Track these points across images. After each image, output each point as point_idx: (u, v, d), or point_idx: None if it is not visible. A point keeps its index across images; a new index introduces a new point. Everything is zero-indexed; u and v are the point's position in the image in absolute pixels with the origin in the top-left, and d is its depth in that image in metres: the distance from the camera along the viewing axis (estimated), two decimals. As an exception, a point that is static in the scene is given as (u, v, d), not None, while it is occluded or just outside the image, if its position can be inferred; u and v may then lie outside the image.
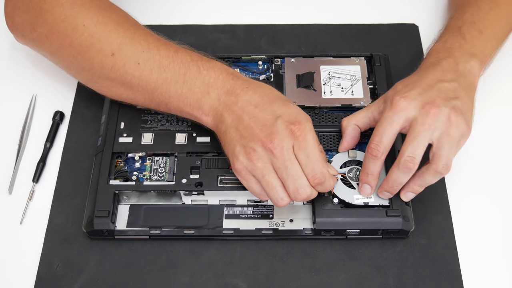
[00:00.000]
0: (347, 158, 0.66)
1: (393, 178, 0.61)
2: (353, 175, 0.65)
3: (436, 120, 0.59)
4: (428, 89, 0.61)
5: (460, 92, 0.61)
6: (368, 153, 0.61)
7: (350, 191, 0.64)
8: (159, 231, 0.64)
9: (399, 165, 0.60)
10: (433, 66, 0.64)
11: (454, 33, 0.67)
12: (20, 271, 0.63)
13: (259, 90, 0.62)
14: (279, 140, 0.58)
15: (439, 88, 0.61)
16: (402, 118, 0.60)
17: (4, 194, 0.68)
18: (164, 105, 0.65)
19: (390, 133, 0.60)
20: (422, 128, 0.59)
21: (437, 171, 0.60)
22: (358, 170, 0.65)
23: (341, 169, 0.65)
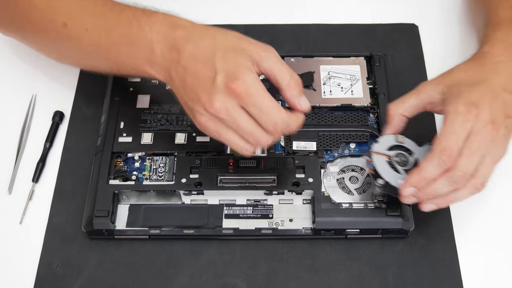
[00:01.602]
0: (394, 142, 0.63)
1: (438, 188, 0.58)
2: (399, 159, 0.62)
3: (491, 138, 0.57)
4: (494, 99, 0.58)
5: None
6: (439, 159, 0.57)
7: (395, 174, 0.61)
8: (159, 231, 0.64)
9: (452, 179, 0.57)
10: (501, 65, 0.61)
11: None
12: (20, 271, 0.63)
13: (200, 42, 0.58)
14: (220, 102, 0.55)
15: (504, 101, 0.58)
16: (470, 125, 0.57)
17: (4, 194, 0.68)
18: (123, 68, 0.63)
19: (463, 136, 0.57)
20: (478, 144, 0.57)
21: (475, 187, 0.58)
22: (404, 155, 0.62)
23: (388, 151, 0.63)
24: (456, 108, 0.57)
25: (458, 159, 0.57)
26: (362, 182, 0.66)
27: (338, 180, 0.66)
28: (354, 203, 0.64)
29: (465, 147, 0.57)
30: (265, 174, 0.65)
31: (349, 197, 0.65)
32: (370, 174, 0.64)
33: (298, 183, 0.64)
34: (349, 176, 0.66)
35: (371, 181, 0.66)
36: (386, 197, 0.64)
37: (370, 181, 0.66)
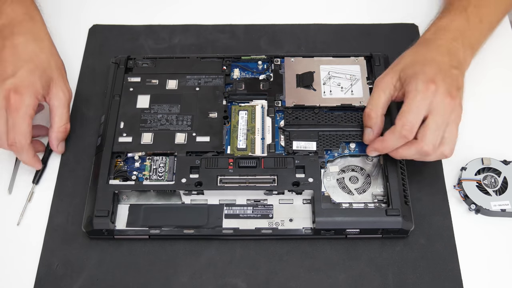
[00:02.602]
0: (481, 165, 0.67)
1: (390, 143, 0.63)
2: (488, 182, 0.66)
3: (451, 109, 0.62)
4: (445, 75, 0.63)
5: (461, 81, 0.65)
6: (400, 133, 0.61)
7: (486, 197, 0.65)
8: (159, 231, 0.64)
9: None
10: (443, 48, 0.66)
11: (460, 14, 0.70)
12: (20, 271, 0.63)
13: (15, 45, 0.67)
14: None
15: (452, 75, 0.64)
16: (430, 101, 0.61)
17: (4, 194, 0.68)
18: None
19: (422, 114, 0.61)
20: (441, 117, 0.61)
21: (443, 154, 0.62)
22: (493, 177, 0.66)
23: (476, 176, 0.67)
24: (416, 86, 0.62)
25: (425, 134, 0.61)
26: (362, 182, 0.66)
27: (338, 180, 0.66)
28: (354, 203, 0.64)
29: (430, 121, 0.61)
30: (265, 174, 0.65)
31: (349, 197, 0.65)
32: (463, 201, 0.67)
33: (298, 183, 0.64)
34: (349, 176, 0.66)
35: (371, 181, 0.66)
36: (386, 197, 0.64)
37: (370, 181, 0.66)
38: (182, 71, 0.74)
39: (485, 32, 0.73)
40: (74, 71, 0.77)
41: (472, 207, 0.65)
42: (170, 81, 0.73)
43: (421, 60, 0.65)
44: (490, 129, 0.72)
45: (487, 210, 0.65)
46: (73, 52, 0.79)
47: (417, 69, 0.63)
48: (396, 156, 0.64)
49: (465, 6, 0.70)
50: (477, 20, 0.70)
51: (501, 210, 0.64)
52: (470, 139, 0.71)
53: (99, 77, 0.76)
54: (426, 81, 0.62)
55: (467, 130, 0.72)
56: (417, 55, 0.66)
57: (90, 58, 0.79)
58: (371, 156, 0.66)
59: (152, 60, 0.75)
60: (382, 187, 0.66)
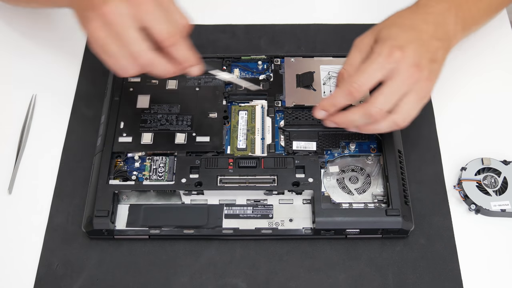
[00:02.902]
0: (481, 166, 0.67)
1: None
2: (488, 182, 0.66)
3: (414, 79, 0.60)
4: (421, 45, 0.61)
5: (441, 55, 0.63)
6: (347, 89, 0.60)
7: (486, 198, 0.65)
8: (159, 231, 0.64)
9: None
10: (431, 16, 0.64)
11: None
12: (19, 271, 0.63)
13: None
14: (113, 4, 0.55)
15: (429, 46, 0.61)
16: (391, 67, 0.60)
17: (4, 194, 0.68)
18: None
19: (376, 78, 0.60)
20: (399, 84, 0.59)
21: (395, 122, 0.61)
22: (493, 177, 0.66)
23: (476, 176, 0.66)
24: (382, 49, 0.60)
25: (376, 96, 0.60)
26: (362, 182, 0.66)
27: (338, 180, 0.66)
28: (354, 203, 0.64)
29: (385, 85, 0.59)
30: (265, 174, 0.65)
31: (349, 197, 0.65)
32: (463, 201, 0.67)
33: (298, 183, 0.64)
34: (349, 176, 0.66)
35: (371, 181, 0.66)
36: (386, 197, 0.64)
37: (370, 181, 0.66)
38: (182, 71, 0.74)
39: (482, 13, 0.70)
40: (74, 71, 0.77)
41: (472, 207, 0.65)
42: (170, 81, 0.73)
43: (401, 24, 0.63)
44: (490, 129, 0.72)
45: (487, 210, 0.65)
46: (73, 52, 0.79)
47: (393, 32, 0.61)
48: (345, 122, 0.62)
49: None
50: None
51: (501, 210, 0.64)
52: (470, 139, 0.71)
53: (99, 77, 0.76)
54: (393, 47, 0.60)
55: (467, 130, 0.72)
56: (401, 19, 0.64)
57: (90, 58, 0.79)
58: (317, 117, 0.64)
59: (152, 60, 0.75)
60: (382, 187, 0.66)
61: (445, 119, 0.73)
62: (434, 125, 0.73)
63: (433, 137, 0.72)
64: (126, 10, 0.56)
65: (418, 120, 0.72)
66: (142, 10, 0.56)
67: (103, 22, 0.56)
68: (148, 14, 0.56)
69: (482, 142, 0.71)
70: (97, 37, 0.56)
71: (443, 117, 0.73)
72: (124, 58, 0.57)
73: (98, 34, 0.56)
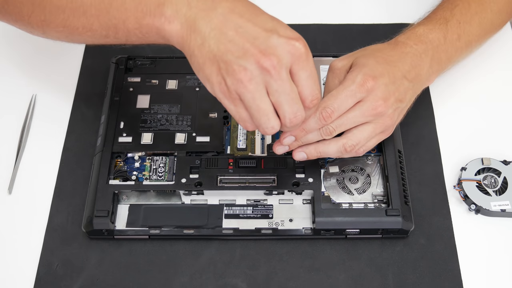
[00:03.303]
0: (481, 166, 0.67)
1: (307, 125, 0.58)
2: (488, 182, 0.66)
3: (377, 113, 0.59)
4: (392, 81, 0.60)
5: (409, 96, 0.62)
6: (320, 114, 0.57)
7: (486, 198, 0.65)
8: (159, 231, 0.64)
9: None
10: (408, 56, 0.63)
11: (440, 26, 0.67)
12: (19, 271, 0.63)
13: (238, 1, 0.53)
14: (277, 57, 0.50)
15: (400, 85, 0.61)
16: (361, 96, 0.58)
17: (4, 194, 0.68)
18: (122, 26, 0.56)
19: (348, 105, 0.58)
20: (361, 113, 0.59)
21: (343, 146, 0.60)
22: (493, 177, 0.66)
23: (476, 176, 0.66)
24: (355, 76, 0.59)
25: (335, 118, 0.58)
26: (362, 182, 0.66)
27: (338, 180, 0.66)
28: (354, 203, 0.64)
29: (349, 110, 0.58)
30: (265, 174, 0.65)
31: (349, 197, 0.65)
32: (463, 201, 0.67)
33: (298, 183, 0.64)
34: (349, 176, 0.66)
35: (371, 181, 0.66)
36: (386, 197, 0.64)
37: (370, 181, 0.66)
38: (182, 71, 0.74)
39: (460, 51, 0.69)
40: (74, 71, 0.77)
41: (472, 207, 0.65)
42: (170, 81, 0.73)
43: (378, 57, 0.61)
44: (490, 129, 0.72)
45: (487, 210, 0.65)
46: (73, 52, 0.79)
47: (369, 62, 0.60)
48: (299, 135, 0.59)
49: (447, 19, 0.67)
50: (456, 36, 0.67)
51: (501, 210, 0.64)
52: (470, 139, 0.71)
53: (99, 77, 0.76)
54: (367, 76, 0.58)
55: (467, 130, 0.72)
56: (379, 52, 0.63)
57: (90, 58, 0.79)
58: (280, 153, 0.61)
59: (152, 60, 0.75)
60: (382, 187, 0.66)
61: (445, 119, 0.73)
62: (434, 125, 0.73)
63: (433, 137, 0.72)
64: (290, 62, 0.51)
65: (418, 120, 0.72)
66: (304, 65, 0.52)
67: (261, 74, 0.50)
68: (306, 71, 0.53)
69: (482, 142, 0.71)
70: (248, 90, 0.51)
71: (443, 117, 0.73)
72: (273, 116, 0.53)
73: (249, 87, 0.51)
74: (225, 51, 0.50)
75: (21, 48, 0.80)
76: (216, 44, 0.51)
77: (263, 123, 0.53)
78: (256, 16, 0.52)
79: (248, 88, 0.51)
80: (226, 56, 0.50)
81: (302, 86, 0.53)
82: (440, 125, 0.73)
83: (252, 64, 0.50)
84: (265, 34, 0.51)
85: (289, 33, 0.52)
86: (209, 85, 0.53)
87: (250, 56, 0.50)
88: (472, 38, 0.70)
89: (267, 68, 0.50)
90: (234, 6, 0.52)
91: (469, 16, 0.69)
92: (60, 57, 0.79)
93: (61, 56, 0.79)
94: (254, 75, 0.50)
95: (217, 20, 0.51)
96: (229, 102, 0.52)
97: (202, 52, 0.52)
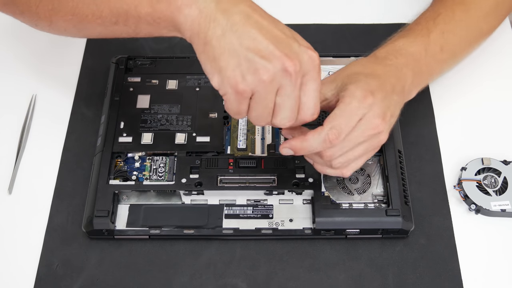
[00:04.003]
0: (481, 166, 0.67)
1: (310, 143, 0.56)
2: (488, 182, 0.66)
3: (375, 132, 0.57)
4: (385, 96, 0.57)
5: (397, 111, 0.60)
6: (326, 135, 0.55)
7: (486, 198, 0.65)
8: (159, 231, 0.64)
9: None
10: (392, 69, 0.61)
11: (422, 38, 0.64)
12: (19, 271, 0.63)
13: (257, 5, 0.53)
14: (300, 62, 0.51)
15: (391, 99, 0.58)
16: (363, 113, 0.56)
17: (4, 194, 0.68)
18: (134, 12, 0.55)
19: (353, 123, 0.56)
20: (359, 134, 0.56)
21: (331, 166, 0.58)
22: (493, 177, 0.66)
23: (477, 176, 0.66)
24: (354, 92, 0.56)
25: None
26: (362, 182, 0.66)
27: (338, 180, 0.66)
28: (354, 203, 0.64)
29: (351, 130, 0.56)
30: (265, 174, 0.65)
31: (349, 197, 0.65)
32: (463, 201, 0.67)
33: (298, 183, 0.64)
34: (349, 176, 0.66)
35: (371, 181, 0.66)
36: (386, 197, 0.65)
37: (370, 181, 0.66)
38: (182, 71, 0.74)
39: (443, 62, 0.67)
40: (74, 71, 0.77)
41: (472, 207, 0.65)
42: (170, 81, 0.73)
43: (366, 73, 0.59)
44: (490, 129, 0.72)
45: (487, 210, 0.65)
46: (73, 52, 0.79)
47: (361, 78, 0.57)
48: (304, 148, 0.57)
49: (430, 30, 0.65)
50: (438, 48, 0.64)
51: (501, 210, 0.64)
52: (470, 139, 0.71)
53: (99, 77, 0.76)
54: (366, 91, 0.56)
55: (467, 130, 0.72)
56: (364, 68, 0.60)
57: (90, 58, 0.79)
58: (283, 153, 0.58)
59: (152, 60, 0.75)
60: (382, 187, 0.66)
61: (445, 119, 0.73)
62: (434, 125, 0.73)
63: (433, 137, 0.72)
64: (307, 70, 0.52)
65: (418, 120, 0.72)
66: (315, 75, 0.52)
67: (282, 76, 0.50)
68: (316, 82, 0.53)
69: (482, 142, 0.71)
70: (267, 90, 0.51)
71: (443, 117, 0.73)
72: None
73: (268, 87, 0.51)
74: (249, 49, 0.50)
75: (21, 48, 0.80)
76: (239, 39, 0.50)
77: (262, 120, 0.53)
78: (274, 21, 0.52)
79: (266, 88, 0.51)
80: (249, 53, 0.50)
81: (309, 96, 0.53)
82: (440, 125, 0.73)
83: (276, 66, 0.50)
84: (286, 39, 0.51)
85: (306, 43, 0.52)
86: (219, 77, 0.51)
87: (275, 58, 0.50)
88: (457, 48, 0.68)
89: (290, 71, 0.50)
90: (255, 8, 0.52)
91: (453, 24, 0.66)
92: (60, 57, 0.79)
93: (61, 56, 0.79)
94: (275, 77, 0.50)
95: (239, 17, 0.50)
96: (236, 97, 0.52)
97: (221, 43, 0.50)
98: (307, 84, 0.52)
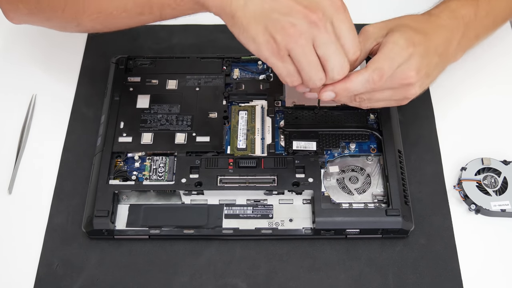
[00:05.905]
0: (481, 166, 0.67)
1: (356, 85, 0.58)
2: (488, 182, 0.66)
3: (405, 83, 0.58)
4: (426, 54, 0.59)
5: (436, 72, 0.62)
6: (370, 76, 0.57)
7: (486, 198, 0.65)
8: (159, 231, 0.64)
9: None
10: (442, 29, 0.62)
11: (471, 2, 0.65)
12: (19, 271, 0.63)
13: None
14: (321, 10, 0.52)
15: (431, 59, 0.60)
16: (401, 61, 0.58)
17: (4, 194, 0.68)
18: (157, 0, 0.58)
19: (394, 67, 0.58)
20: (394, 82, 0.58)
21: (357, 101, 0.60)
22: (493, 177, 0.66)
23: (476, 176, 0.66)
24: (398, 40, 0.58)
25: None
26: (362, 182, 0.66)
27: (338, 180, 0.66)
28: (354, 203, 0.64)
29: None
30: (265, 174, 0.65)
31: (349, 197, 0.65)
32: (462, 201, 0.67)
33: (298, 183, 0.64)
34: (349, 176, 0.66)
35: (371, 181, 0.66)
36: (386, 197, 0.65)
37: (370, 181, 0.66)
38: (182, 71, 0.74)
39: (487, 28, 0.69)
40: (74, 71, 0.77)
41: (472, 207, 0.65)
42: (170, 81, 0.73)
43: (415, 27, 0.60)
44: (490, 129, 0.72)
45: (487, 210, 0.65)
46: (73, 52, 0.79)
47: (407, 30, 0.59)
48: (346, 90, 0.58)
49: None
50: (484, 13, 0.66)
51: (501, 210, 0.64)
52: (470, 139, 0.71)
53: (99, 77, 0.76)
54: (409, 41, 0.58)
55: (467, 130, 0.72)
56: (414, 22, 0.62)
57: (90, 58, 0.79)
58: (323, 98, 0.59)
59: (152, 60, 0.75)
60: (382, 187, 0.66)
61: (445, 119, 0.73)
62: (434, 125, 0.73)
63: (433, 137, 0.72)
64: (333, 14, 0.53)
65: (418, 120, 0.72)
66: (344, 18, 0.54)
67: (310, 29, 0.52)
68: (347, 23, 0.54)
69: (482, 142, 0.71)
70: (298, 44, 0.52)
71: (443, 117, 0.73)
72: (320, 68, 0.55)
73: (300, 42, 0.52)
74: (270, 10, 0.52)
75: (21, 48, 0.80)
76: (260, 3, 0.52)
77: (313, 75, 0.55)
78: None
79: (298, 43, 0.52)
80: (272, 14, 0.52)
81: (345, 38, 0.54)
82: (440, 125, 0.73)
83: (300, 19, 0.52)
84: None
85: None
86: (255, 45, 0.54)
87: (296, 12, 0.52)
88: (499, 15, 0.69)
89: (315, 21, 0.52)
90: None
91: None
92: (60, 58, 0.79)
93: (61, 56, 0.79)
94: (303, 30, 0.52)
95: None
96: (277, 59, 0.54)
97: (246, 13, 0.53)
98: (338, 27, 0.54)
